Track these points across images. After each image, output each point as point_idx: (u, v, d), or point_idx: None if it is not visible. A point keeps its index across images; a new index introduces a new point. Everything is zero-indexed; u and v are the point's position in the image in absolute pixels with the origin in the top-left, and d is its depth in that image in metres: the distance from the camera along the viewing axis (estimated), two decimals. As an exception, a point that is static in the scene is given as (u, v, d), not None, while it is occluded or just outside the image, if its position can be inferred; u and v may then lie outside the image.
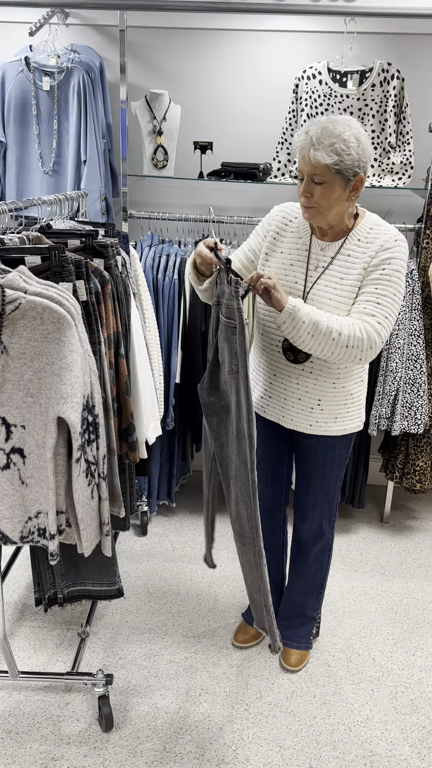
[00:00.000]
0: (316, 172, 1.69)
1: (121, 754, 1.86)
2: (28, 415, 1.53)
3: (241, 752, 1.89)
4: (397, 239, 1.78)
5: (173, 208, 3.22)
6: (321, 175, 1.69)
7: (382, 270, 1.76)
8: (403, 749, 1.92)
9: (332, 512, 2.10)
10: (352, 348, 1.72)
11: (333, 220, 1.78)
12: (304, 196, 1.74)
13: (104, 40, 3.07)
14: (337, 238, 1.84)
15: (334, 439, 1.97)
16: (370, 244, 1.79)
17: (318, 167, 1.68)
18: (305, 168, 1.71)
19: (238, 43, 3.03)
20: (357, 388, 1.95)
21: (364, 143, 1.70)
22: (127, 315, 2.07)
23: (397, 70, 2.76)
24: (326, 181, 1.69)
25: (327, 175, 1.68)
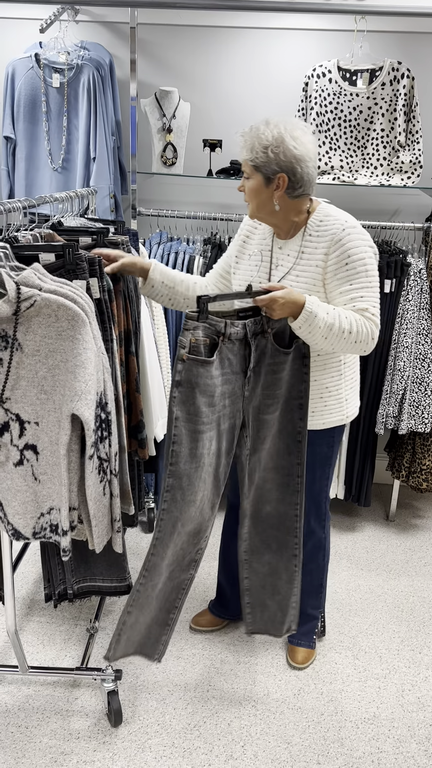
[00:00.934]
0: (243, 167, 1.79)
1: (130, 749, 1.88)
2: (41, 412, 1.54)
3: (249, 748, 1.90)
4: (345, 228, 1.78)
5: (182, 205, 3.22)
6: (245, 169, 1.79)
7: (346, 267, 1.77)
8: (410, 747, 1.93)
9: (321, 511, 2.10)
10: (359, 343, 1.74)
11: (271, 219, 1.83)
12: (239, 190, 1.84)
13: (114, 37, 3.07)
14: (291, 236, 1.87)
15: (313, 434, 1.95)
16: (321, 238, 1.80)
17: (243, 162, 1.78)
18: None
19: (248, 40, 3.03)
20: (333, 382, 1.93)
21: (288, 144, 1.70)
22: (137, 313, 2.08)
23: (407, 69, 2.76)
24: (250, 176, 1.78)
25: (248, 169, 1.78)
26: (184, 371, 1.62)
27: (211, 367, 1.65)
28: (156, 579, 1.79)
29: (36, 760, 1.83)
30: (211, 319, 1.64)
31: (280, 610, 2.02)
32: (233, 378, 1.72)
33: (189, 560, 1.85)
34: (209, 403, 1.67)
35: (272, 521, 1.91)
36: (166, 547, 1.74)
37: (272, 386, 1.78)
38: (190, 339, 1.61)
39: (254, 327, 1.70)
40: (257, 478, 1.87)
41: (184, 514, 1.72)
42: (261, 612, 2.03)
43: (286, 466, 1.86)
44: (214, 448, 1.74)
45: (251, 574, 1.98)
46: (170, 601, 1.87)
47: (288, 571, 1.96)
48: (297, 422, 1.82)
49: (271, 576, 1.98)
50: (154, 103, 2.93)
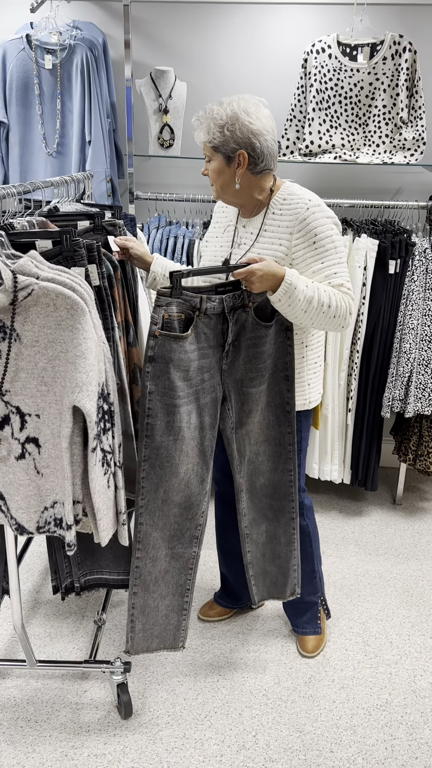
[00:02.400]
0: (204, 151, 1.78)
1: (141, 741, 1.86)
2: (42, 404, 1.50)
3: (261, 738, 1.88)
4: (309, 207, 1.75)
5: (180, 188, 3.16)
6: (206, 152, 1.78)
7: (314, 245, 1.74)
8: (423, 733, 1.91)
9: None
10: (337, 318, 1.72)
11: (235, 199, 1.82)
12: (203, 174, 1.83)
13: (107, 15, 2.99)
14: (255, 214, 1.86)
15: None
16: (284, 216, 1.78)
17: (203, 146, 1.77)
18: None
19: (245, 16, 2.95)
20: (305, 364, 1.92)
21: (243, 120, 1.69)
22: (135, 297, 2.03)
23: (409, 43, 2.68)
24: (211, 158, 1.77)
25: (208, 151, 1.77)
26: (156, 347, 1.64)
27: (185, 342, 1.65)
28: (153, 552, 1.79)
29: (46, 755, 1.81)
30: (185, 294, 1.64)
31: (281, 574, 2.02)
32: (210, 352, 1.72)
33: (189, 536, 1.83)
34: (184, 377, 1.68)
35: (267, 491, 1.92)
36: (154, 515, 1.76)
37: (255, 360, 1.77)
38: (162, 315, 1.63)
39: (233, 301, 1.70)
40: (248, 452, 1.87)
41: (166, 483, 1.74)
42: (263, 579, 2.02)
43: (277, 437, 1.87)
44: (195, 422, 1.74)
45: (252, 546, 1.97)
46: (180, 584, 1.86)
47: (286, 534, 1.97)
48: (285, 393, 1.83)
49: (270, 543, 1.98)
50: (149, 84, 2.86)
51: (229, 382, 1.78)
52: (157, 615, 1.86)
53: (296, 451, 1.90)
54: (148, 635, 1.87)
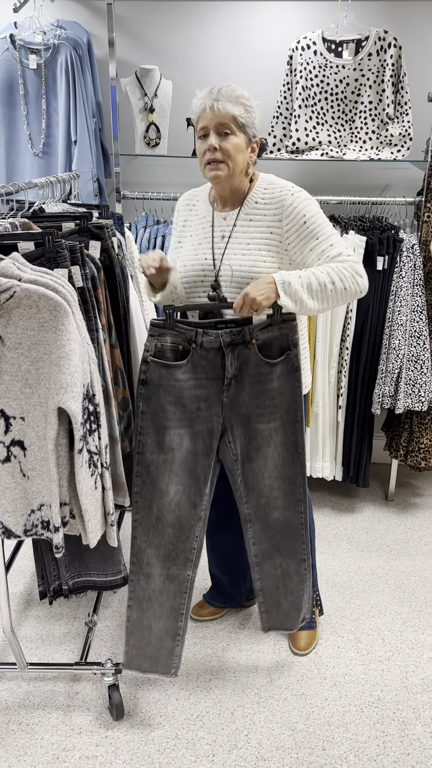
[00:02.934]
0: (224, 122, 1.69)
1: (133, 743, 1.85)
2: (27, 407, 1.49)
3: (254, 737, 1.88)
4: (293, 192, 1.78)
5: (167, 187, 3.15)
6: (228, 125, 1.69)
7: (305, 225, 1.75)
8: (415, 729, 1.91)
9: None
10: (347, 290, 1.71)
11: (236, 180, 1.77)
12: (210, 150, 1.71)
13: (91, 14, 2.98)
14: (236, 206, 1.84)
15: None
16: (269, 204, 1.79)
17: (226, 117, 1.68)
18: (211, 122, 1.69)
19: (230, 14, 2.94)
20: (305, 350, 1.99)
21: (258, 110, 1.77)
22: (126, 297, 2.03)
23: (394, 38, 2.68)
24: (233, 132, 1.70)
25: (234, 125, 1.70)
26: (149, 371, 1.69)
27: (178, 371, 1.69)
28: (147, 569, 1.81)
29: (38, 757, 1.80)
30: (179, 327, 1.67)
31: (294, 608, 2.02)
32: (209, 384, 1.73)
33: (184, 558, 1.84)
34: (177, 403, 1.71)
35: (280, 527, 1.92)
36: (148, 531, 1.79)
37: (261, 396, 1.76)
38: (155, 344, 1.68)
39: (231, 337, 1.69)
40: (262, 486, 1.86)
41: (158, 501, 1.77)
42: (276, 611, 2.02)
43: (291, 476, 1.87)
44: (187, 446, 1.76)
45: (263, 576, 1.97)
46: (175, 608, 1.87)
47: (299, 574, 1.97)
48: (298, 435, 1.83)
49: (284, 578, 1.98)
50: (134, 83, 2.85)
51: (233, 416, 1.77)
52: (150, 636, 1.86)
53: (306, 494, 1.89)
54: (142, 654, 1.88)
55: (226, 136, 1.70)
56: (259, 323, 1.70)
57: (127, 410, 1.94)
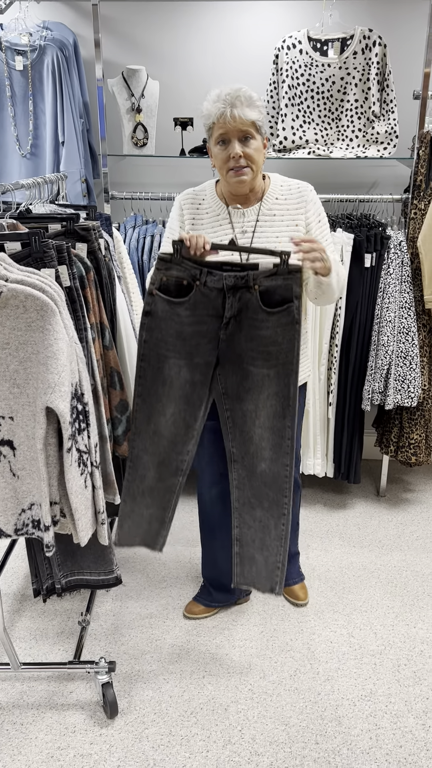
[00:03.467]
0: (245, 128, 1.76)
1: (127, 740, 1.86)
2: (15, 407, 1.50)
3: (247, 732, 1.89)
4: (310, 189, 1.94)
5: (156, 187, 3.16)
6: (248, 131, 1.77)
7: (320, 223, 1.94)
8: (407, 721, 1.93)
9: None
10: (342, 289, 1.94)
11: (253, 182, 1.86)
12: (235, 158, 1.78)
13: (77, 15, 2.98)
14: (253, 203, 1.91)
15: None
16: (289, 200, 1.91)
17: (246, 123, 1.75)
18: (232, 129, 1.76)
19: (216, 13, 2.95)
20: (304, 338, 2.03)
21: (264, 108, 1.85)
22: (113, 299, 2.03)
23: (378, 36, 2.70)
24: (254, 136, 1.79)
25: (253, 129, 1.78)
26: (153, 304, 1.76)
27: (180, 307, 1.74)
28: (142, 471, 1.93)
29: (32, 757, 1.81)
30: (185, 263, 1.72)
31: (266, 566, 2.01)
32: (209, 320, 1.77)
33: (175, 467, 1.93)
34: (178, 336, 1.78)
35: (266, 479, 1.94)
36: (145, 442, 1.90)
37: (256, 341, 1.78)
38: (161, 278, 1.73)
39: (234, 281, 1.72)
40: (253, 434, 1.89)
41: (155, 420, 1.87)
42: (249, 565, 2.02)
43: (280, 428, 1.88)
44: (185, 376, 1.83)
45: (242, 525, 1.98)
46: (165, 501, 1.97)
47: (277, 529, 1.97)
48: (291, 387, 1.84)
49: (261, 531, 1.98)
50: (121, 83, 2.85)
51: (227, 351, 1.81)
52: (141, 520, 1.98)
53: (293, 448, 1.91)
54: (133, 534, 1.99)
55: (247, 141, 1.78)
56: (265, 270, 1.72)
57: (125, 413, 1.94)
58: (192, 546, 2.80)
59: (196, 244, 1.71)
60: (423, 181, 2.74)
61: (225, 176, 1.84)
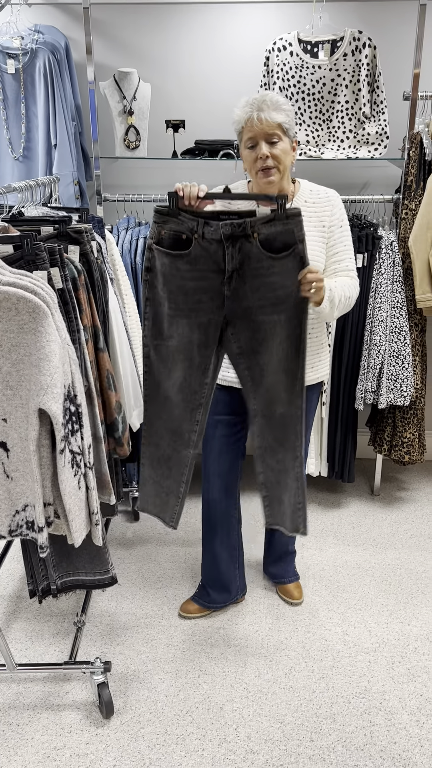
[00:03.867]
0: (272, 131, 1.84)
1: (123, 740, 1.87)
2: (8, 408, 1.51)
3: (243, 730, 1.90)
4: (335, 194, 2.02)
5: (148, 189, 3.17)
6: (275, 134, 1.84)
7: (341, 228, 2.00)
8: (401, 718, 1.94)
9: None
10: (352, 304, 1.99)
11: (285, 181, 1.93)
12: (262, 158, 1.85)
13: (68, 19, 2.99)
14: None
15: (309, 388, 2.14)
16: (317, 203, 1.98)
17: (272, 126, 1.83)
18: (258, 132, 1.84)
19: (207, 16, 2.97)
20: (325, 338, 2.16)
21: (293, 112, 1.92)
22: (105, 301, 2.04)
23: (368, 38, 2.71)
24: (281, 138, 1.86)
25: (280, 132, 1.85)
26: (153, 259, 1.77)
27: (180, 261, 1.74)
28: (156, 438, 1.99)
29: (28, 757, 1.82)
30: (183, 216, 1.71)
31: (290, 506, 2.05)
32: (211, 275, 1.76)
33: (187, 438, 1.96)
34: (178, 292, 1.77)
35: (282, 421, 1.96)
36: (156, 406, 1.95)
37: (262, 289, 1.77)
38: (159, 231, 1.74)
39: (231, 230, 1.70)
40: (267, 382, 1.90)
41: (164, 382, 1.91)
42: (278, 506, 2.05)
43: (293, 369, 1.89)
44: (186, 334, 1.82)
45: (266, 469, 2.01)
46: (178, 474, 2.01)
47: (294, 470, 2.00)
48: (303, 327, 1.84)
49: (283, 473, 2.02)
50: (113, 86, 2.86)
51: (235, 309, 1.79)
52: (159, 489, 2.04)
53: (303, 389, 1.90)
54: (152, 502, 2.07)
55: (274, 143, 1.85)
56: (263, 217, 1.70)
57: (120, 413, 1.96)
58: (187, 546, 2.81)
59: (190, 194, 1.72)
60: (413, 181, 2.76)
61: (255, 178, 1.91)
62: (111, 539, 2.87)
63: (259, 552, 2.76)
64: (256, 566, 2.66)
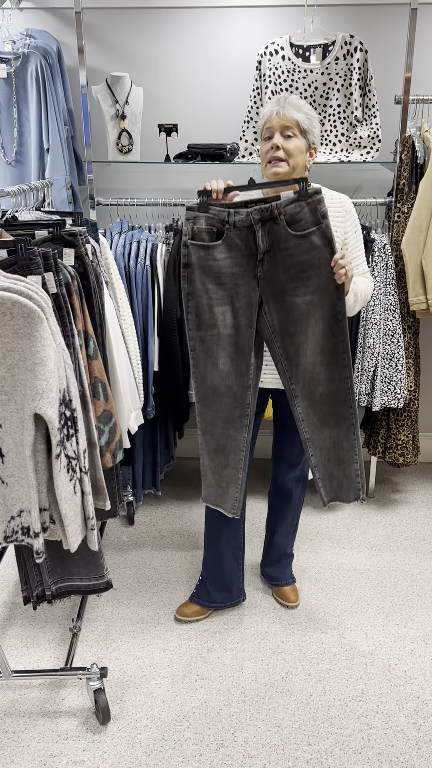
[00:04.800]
0: (289, 125, 1.90)
1: (120, 746, 1.86)
2: (3, 414, 1.50)
3: (240, 735, 1.90)
4: (348, 200, 2.06)
5: (141, 193, 3.17)
6: (292, 129, 1.90)
7: (356, 234, 2.07)
8: (399, 720, 1.94)
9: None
10: (368, 300, 2.10)
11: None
12: (273, 148, 1.91)
13: (60, 23, 2.99)
14: None
15: None
16: (331, 208, 2.01)
17: (290, 121, 1.90)
18: (277, 124, 1.91)
19: (199, 20, 2.97)
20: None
21: (318, 121, 1.99)
22: (102, 304, 2.04)
23: (360, 42, 2.73)
24: (296, 135, 1.91)
25: (297, 129, 1.91)
26: (189, 255, 1.86)
27: (215, 251, 1.84)
28: (210, 428, 2.05)
29: (25, 765, 1.80)
30: (212, 209, 1.82)
31: (346, 478, 2.10)
32: (244, 261, 1.86)
33: (240, 423, 2.03)
34: (217, 282, 1.87)
35: (327, 399, 2.01)
36: (206, 400, 2.02)
37: (293, 268, 1.85)
38: (192, 227, 1.83)
39: (260, 214, 1.80)
40: (304, 362, 1.95)
41: (210, 374, 1.98)
42: (330, 482, 2.10)
43: (332, 347, 1.95)
44: (230, 321, 1.92)
45: (315, 450, 2.06)
46: (235, 461, 2.08)
47: (348, 439, 2.05)
48: (336, 303, 1.89)
49: (334, 448, 2.06)
50: (105, 90, 2.86)
51: (268, 289, 1.89)
52: (219, 479, 2.11)
53: (350, 359, 1.96)
54: (213, 493, 2.14)
55: (289, 138, 1.91)
56: (287, 199, 1.79)
57: (108, 424, 1.94)
58: (183, 550, 2.80)
59: (217, 187, 1.83)
60: (406, 184, 2.77)
61: (264, 169, 1.96)
62: (106, 544, 2.86)
63: (254, 555, 2.75)
64: (251, 569, 2.66)
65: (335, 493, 2.12)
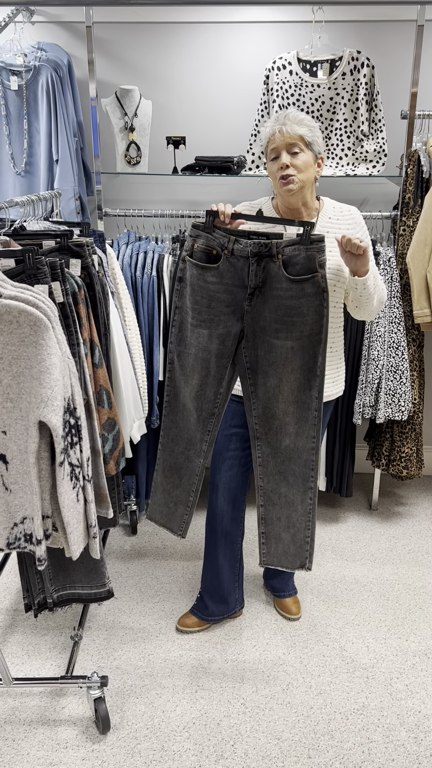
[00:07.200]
0: (293, 142, 1.89)
1: (120, 756, 1.86)
2: (8, 421, 1.51)
3: (240, 747, 1.89)
4: (358, 212, 2.08)
5: (148, 204, 3.20)
6: (297, 145, 1.90)
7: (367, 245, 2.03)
8: (399, 734, 1.93)
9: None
10: (384, 302, 2.04)
11: (307, 193, 1.96)
12: (282, 167, 1.90)
13: (71, 37, 3.03)
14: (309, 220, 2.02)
15: (326, 404, 2.17)
16: (341, 219, 2.03)
17: (294, 137, 1.89)
18: (281, 143, 1.90)
19: (207, 35, 3.01)
20: (342, 351, 2.17)
21: (320, 132, 1.98)
22: (107, 314, 2.06)
23: (366, 58, 2.75)
24: (302, 150, 1.91)
25: (302, 144, 1.91)
26: (185, 270, 1.86)
27: (209, 273, 1.82)
28: (172, 445, 2.03)
29: (24, 773, 1.80)
30: (217, 232, 1.80)
31: (294, 544, 2.01)
32: (236, 290, 1.83)
33: (199, 447, 1.99)
34: (203, 304, 1.84)
35: (290, 454, 1.95)
36: (175, 414, 2.00)
37: (280, 311, 1.80)
38: (193, 245, 1.83)
39: (258, 248, 1.77)
40: (277, 410, 1.91)
41: (182, 389, 1.96)
42: (276, 544, 2.02)
43: (306, 401, 1.90)
44: (204, 344, 1.88)
45: (267, 503, 1.98)
46: (188, 484, 2.04)
47: (303, 504, 1.97)
48: (317, 356, 1.85)
49: (287, 508, 1.98)
50: (114, 103, 2.90)
51: (252, 324, 1.85)
52: (168, 499, 2.07)
53: (320, 419, 1.91)
54: (160, 511, 2.10)
55: (296, 154, 1.91)
56: (288, 240, 1.76)
57: (112, 431, 1.96)
58: (185, 560, 2.80)
59: (225, 211, 1.81)
60: (411, 198, 2.79)
61: (277, 187, 1.96)
62: (109, 552, 2.86)
63: (258, 566, 2.75)
64: (254, 580, 2.66)
65: (277, 558, 2.02)
